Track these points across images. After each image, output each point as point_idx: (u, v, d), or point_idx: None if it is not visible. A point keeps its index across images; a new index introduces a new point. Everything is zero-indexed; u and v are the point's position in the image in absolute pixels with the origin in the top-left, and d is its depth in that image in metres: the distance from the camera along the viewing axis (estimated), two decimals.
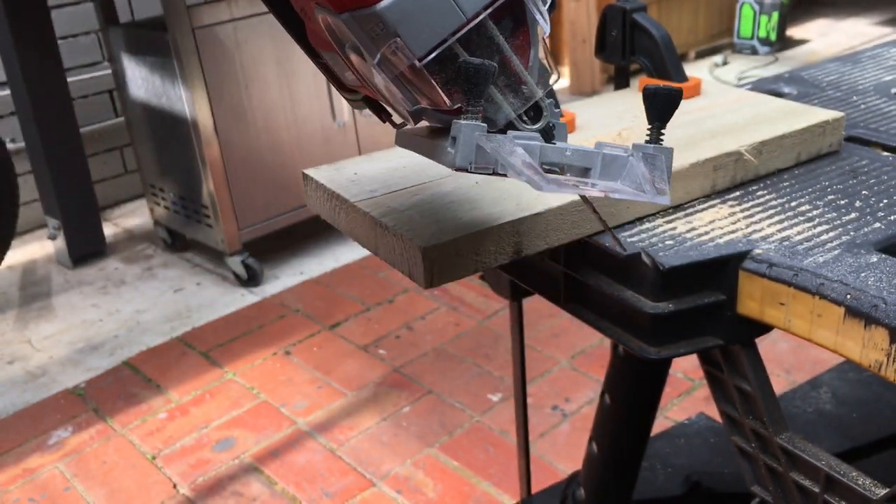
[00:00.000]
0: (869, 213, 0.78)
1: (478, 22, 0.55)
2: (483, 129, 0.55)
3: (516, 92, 0.58)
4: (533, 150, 0.56)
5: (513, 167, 0.55)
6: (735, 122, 0.92)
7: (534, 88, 0.58)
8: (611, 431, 1.04)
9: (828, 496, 0.71)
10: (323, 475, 1.93)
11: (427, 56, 0.55)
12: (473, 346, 2.36)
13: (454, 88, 0.56)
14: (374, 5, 0.53)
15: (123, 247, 3.20)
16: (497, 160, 0.55)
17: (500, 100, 0.57)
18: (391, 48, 0.55)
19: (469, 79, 0.54)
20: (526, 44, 0.58)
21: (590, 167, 0.57)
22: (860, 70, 1.20)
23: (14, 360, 2.50)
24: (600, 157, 0.57)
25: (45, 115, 2.84)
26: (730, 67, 4.69)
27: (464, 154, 0.55)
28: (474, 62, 0.54)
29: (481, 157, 0.55)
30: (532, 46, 0.58)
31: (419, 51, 0.54)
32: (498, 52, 0.56)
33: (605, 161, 0.57)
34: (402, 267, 0.72)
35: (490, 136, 0.55)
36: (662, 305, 0.71)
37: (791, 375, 2.11)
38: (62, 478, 1.99)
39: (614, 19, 1.02)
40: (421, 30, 0.54)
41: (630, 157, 0.57)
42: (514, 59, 0.56)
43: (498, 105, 0.57)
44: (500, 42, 0.56)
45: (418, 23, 0.54)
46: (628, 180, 0.57)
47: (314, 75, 2.83)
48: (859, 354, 0.64)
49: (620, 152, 0.57)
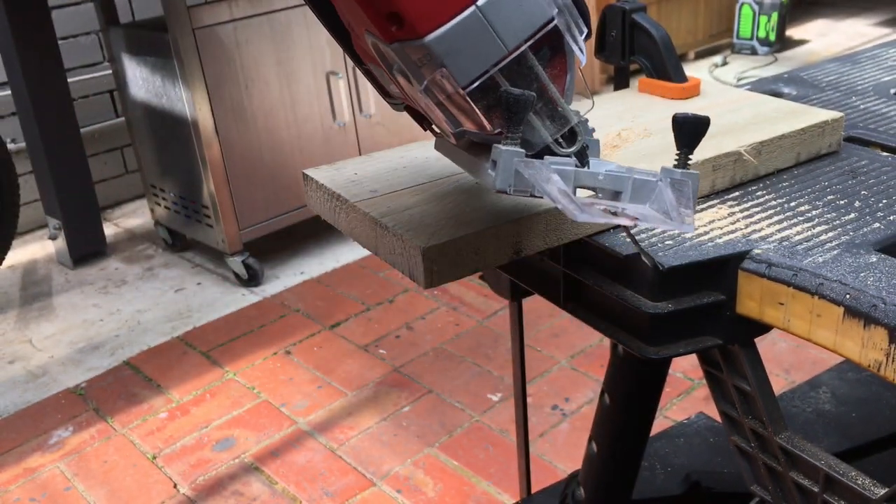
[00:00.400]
0: (868, 214, 0.78)
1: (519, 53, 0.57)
2: (522, 155, 0.58)
3: (553, 117, 0.60)
4: (568, 176, 0.59)
5: (549, 194, 0.57)
6: (734, 122, 0.92)
7: (569, 114, 0.61)
8: (610, 431, 1.04)
9: (827, 496, 0.71)
10: (323, 475, 1.93)
11: (470, 85, 0.57)
12: (473, 345, 2.37)
13: (495, 114, 0.58)
14: (423, 37, 0.56)
15: (124, 247, 3.20)
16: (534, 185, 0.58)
17: (538, 125, 0.60)
18: (437, 77, 0.57)
19: (509, 107, 0.57)
20: (563, 71, 0.61)
21: (621, 191, 0.60)
22: (859, 70, 1.21)
23: (15, 359, 2.50)
24: (631, 182, 0.59)
25: (45, 115, 2.84)
26: (729, 68, 4.69)
27: (504, 178, 0.58)
28: (514, 92, 0.56)
29: (520, 182, 0.58)
30: (569, 73, 0.61)
31: (463, 80, 0.57)
32: (536, 80, 0.59)
33: (635, 185, 0.59)
34: (402, 267, 0.72)
35: (528, 163, 0.58)
36: (662, 305, 0.72)
37: (790, 375, 2.11)
38: (63, 477, 1.99)
39: (614, 19, 1.02)
40: (466, 60, 0.56)
41: (659, 182, 0.59)
42: (551, 86, 0.59)
43: (536, 129, 0.60)
44: (538, 71, 0.59)
45: (463, 54, 0.56)
46: (656, 204, 0.59)
47: (314, 75, 2.84)
48: (858, 354, 0.65)
49: (650, 177, 0.59)
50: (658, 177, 0.59)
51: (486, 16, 0.56)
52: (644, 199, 0.60)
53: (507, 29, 0.57)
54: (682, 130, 0.60)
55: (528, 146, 0.60)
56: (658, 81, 1.01)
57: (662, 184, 0.59)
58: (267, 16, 2.69)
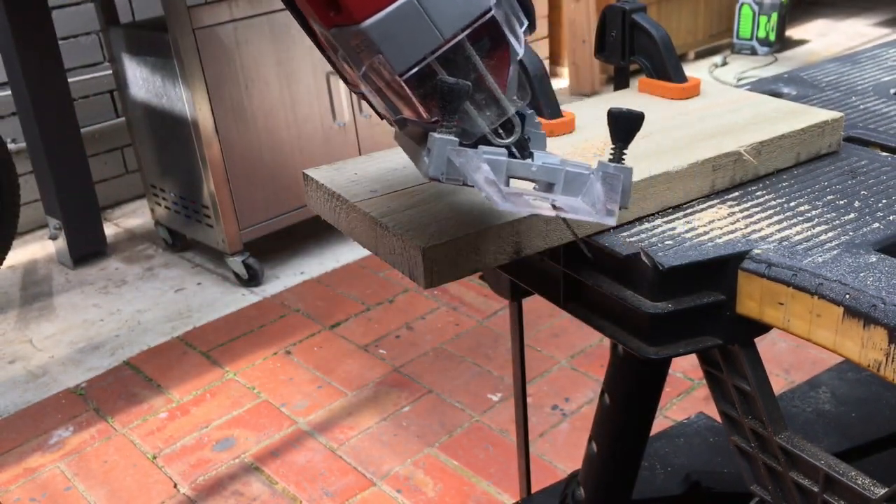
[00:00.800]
0: (868, 214, 0.78)
1: (455, 42, 0.58)
2: (455, 144, 0.58)
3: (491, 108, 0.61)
4: (500, 166, 0.59)
5: (476, 182, 0.58)
6: (734, 122, 0.92)
7: (506, 105, 0.61)
8: (610, 431, 1.04)
9: (827, 496, 0.71)
10: (323, 475, 1.93)
11: (407, 72, 0.58)
12: (473, 345, 2.37)
13: (432, 103, 0.59)
14: (360, 23, 0.56)
15: (124, 247, 3.20)
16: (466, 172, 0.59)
17: (475, 115, 0.60)
18: (375, 63, 0.58)
19: (444, 96, 0.57)
20: (504, 63, 0.61)
21: (554, 182, 0.60)
22: (859, 70, 1.21)
23: (15, 359, 2.50)
24: (563, 174, 0.60)
25: (45, 115, 2.84)
26: (729, 68, 4.69)
27: (436, 165, 0.58)
28: (449, 81, 0.57)
29: (452, 170, 0.59)
30: (511, 65, 0.61)
31: (400, 67, 0.58)
32: (474, 71, 0.59)
33: (567, 178, 0.60)
34: (403, 267, 0.72)
35: (460, 151, 0.58)
36: (662, 305, 0.72)
37: (790, 375, 2.11)
38: (63, 477, 1.99)
39: (614, 20, 1.02)
40: (402, 48, 0.57)
41: (591, 174, 0.60)
42: (489, 77, 0.60)
43: (473, 119, 0.60)
44: (476, 62, 0.59)
45: (400, 41, 0.57)
46: (587, 197, 0.60)
47: (314, 75, 2.84)
48: (858, 354, 0.65)
49: (583, 170, 0.60)
50: (590, 170, 0.60)
51: (423, 4, 0.57)
52: (576, 192, 0.60)
53: (443, 17, 0.57)
54: (616, 125, 0.61)
55: (466, 136, 0.61)
56: (658, 81, 1.01)
57: (594, 177, 0.60)
58: (267, 16, 2.69)
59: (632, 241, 0.75)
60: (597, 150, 0.87)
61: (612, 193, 0.60)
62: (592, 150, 0.87)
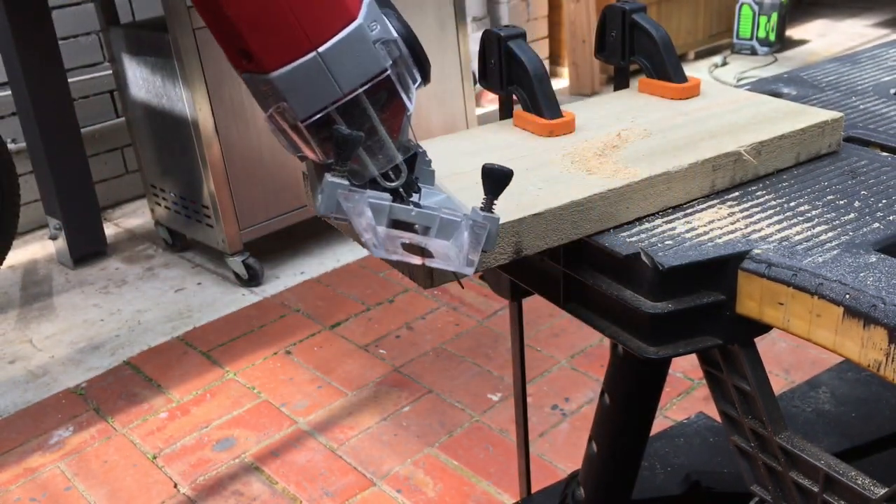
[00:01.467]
0: (868, 214, 0.78)
1: (353, 96, 0.64)
2: (346, 187, 0.64)
3: (381, 154, 0.67)
4: (383, 209, 0.65)
5: (357, 227, 0.64)
6: (734, 122, 0.92)
7: (394, 153, 0.67)
8: (610, 431, 1.04)
9: (827, 496, 0.71)
10: (323, 474, 1.94)
11: (308, 119, 0.64)
12: (473, 345, 2.37)
13: (328, 147, 0.65)
14: (268, 73, 0.63)
15: (124, 247, 3.20)
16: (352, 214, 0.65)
17: (367, 160, 0.66)
18: (280, 108, 0.64)
19: (339, 144, 0.63)
20: (399, 114, 0.67)
21: (430, 226, 0.66)
22: (859, 71, 1.21)
23: (15, 359, 2.51)
24: (438, 220, 0.66)
25: (45, 115, 2.84)
26: (729, 68, 4.69)
27: (327, 205, 0.64)
28: (344, 132, 0.63)
29: (340, 210, 0.64)
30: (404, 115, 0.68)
31: (302, 114, 0.64)
32: (368, 121, 0.66)
33: (442, 223, 0.66)
34: (402, 267, 0.72)
35: (349, 196, 0.64)
36: (662, 305, 0.72)
37: (790, 375, 2.11)
38: (63, 477, 2.00)
39: (614, 20, 1.02)
40: (305, 98, 0.63)
41: (462, 222, 0.65)
42: (381, 128, 0.66)
43: (365, 163, 0.66)
44: (371, 114, 0.66)
45: (303, 92, 0.63)
46: (457, 241, 0.66)
47: None
48: (858, 354, 0.65)
49: (456, 217, 0.66)
50: (462, 218, 0.65)
51: (326, 61, 0.63)
52: (449, 236, 0.66)
53: (343, 74, 0.64)
54: (488, 179, 0.66)
55: (358, 177, 0.66)
56: (658, 82, 1.01)
57: (464, 224, 0.65)
58: None
59: (632, 241, 0.76)
60: (596, 151, 0.87)
61: (476, 244, 0.65)
62: (592, 150, 0.87)
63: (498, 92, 0.97)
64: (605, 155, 0.86)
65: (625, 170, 0.81)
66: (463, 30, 3.20)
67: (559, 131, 0.92)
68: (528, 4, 4.49)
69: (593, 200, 0.77)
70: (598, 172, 0.81)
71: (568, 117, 0.93)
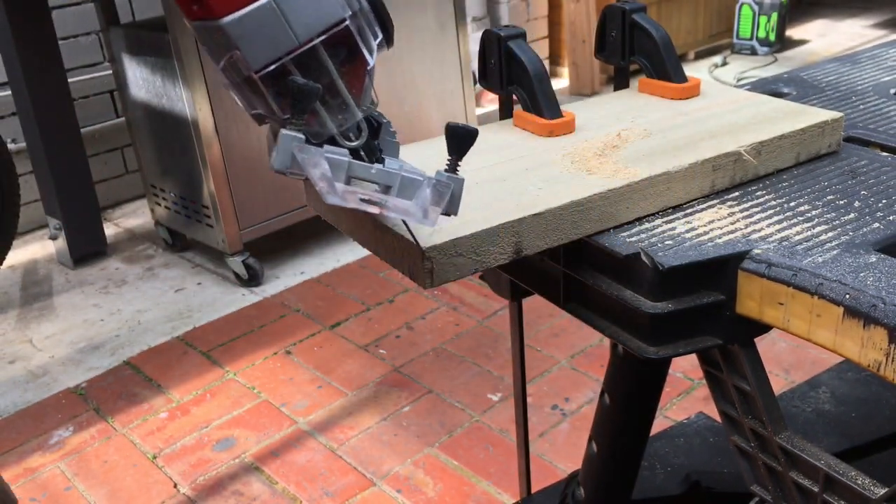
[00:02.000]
0: (868, 214, 0.78)
1: (310, 47, 0.62)
2: (301, 141, 0.62)
3: (341, 111, 0.65)
4: (341, 165, 0.63)
5: (312, 177, 0.62)
6: (734, 122, 0.92)
7: (355, 110, 0.65)
8: (610, 431, 1.04)
9: (827, 496, 0.71)
10: (323, 474, 1.94)
11: (262, 70, 0.62)
12: (473, 345, 2.37)
13: (284, 101, 0.63)
14: (220, 19, 0.60)
15: (124, 247, 3.20)
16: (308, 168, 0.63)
17: (325, 116, 0.64)
18: (231, 59, 0.62)
19: (295, 95, 0.61)
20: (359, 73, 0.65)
21: (391, 185, 0.64)
22: (859, 70, 1.21)
23: (15, 359, 2.51)
24: (399, 178, 0.64)
25: (46, 115, 2.84)
26: (729, 68, 4.69)
27: (281, 160, 0.62)
28: (300, 82, 0.61)
29: (296, 165, 0.62)
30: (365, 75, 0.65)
31: (255, 65, 0.62)
32: (327, 75, 0.63)
33: (403, 182, 0.65)
34: (403, 267, 0.72)
35: (304, 148, 0.62)
36: (662, 305, 0.72)
37: (790, 375, 2.11)
38: (63, 477, 2.00)
39: (614, 20, 1.02)
40: (258, 46, 0.61)
41: (424, 181, 0.64)
42: (341, 83, 0.64)
43: (323, 120, 0.64)
44: (329, 67, 0.63)
45: (257, 40, 0.61)
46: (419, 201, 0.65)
47: None
48: (858, 354, 0.65)
49: (417, 176, 0.64)
50: (425, 177, 0.64)
51: (281, 7, 0.60)
52: (410, 196, 0.65)
53: (299, 22, 0.61)
54: (452, 138, 0.65)
55: (317, 136, 0.64)
56: (658, 82, 1.01)
57: (426, 183, 0.64)
58: None
59: (632, 241, 0.76)
60: (596, 151, 0.87)
61: (438, 199, 0.64)
62: (592, 149, 0.87)
63: (498, 92, 0.97)
64: (605, 155, 0.86)
65: (625, 170, 0.81)
66: (463, 30, 3.20)
67: (559, 131, 0.92)
68: (528, 4, 4.49)
69: (593, 200, 0.77)
70: (598, 172, 0.81)
71: (568, 117, 0.93)
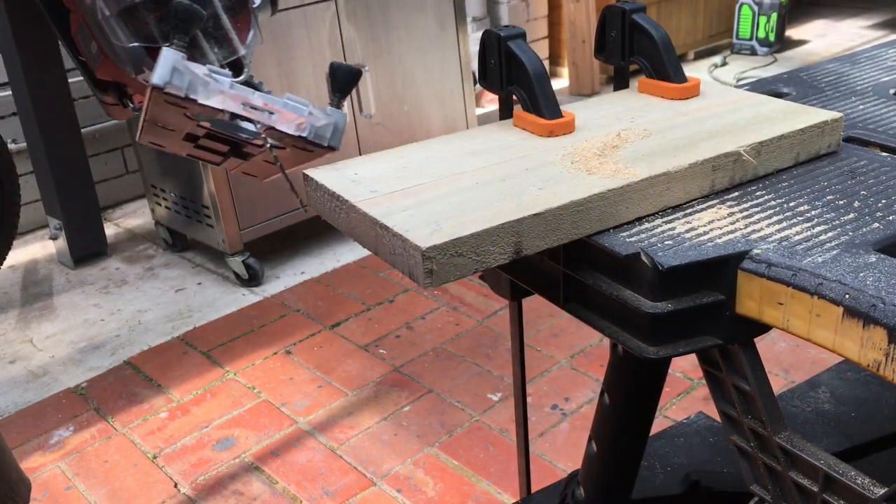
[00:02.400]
0: (867, 214, 0.78)
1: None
2: (184, 58, 0.63)
3: (223, 46, 0.67)
4: (223, 84, 0.65)
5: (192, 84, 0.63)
6: (734, 122, 0.92)
7: (237, 45, 0.67)
8: (610, 431, 1.04)
9: (826, 495, 0.71)
10: (323, 474, 1.94)
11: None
12: (473, 345, 2.37)
13: (166, 27, 0.64)
14: None
15: (125, 247, 3.20)
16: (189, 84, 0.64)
17: (206, 48, 0.66)
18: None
19: (178, 16, 0.62)
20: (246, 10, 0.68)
21: (274, 112, 0.67)
22: (859, 71, 1.21)
23: (16, 359, 2.51)
24: (283, 104, 0.67)
25: (46, 115, 2.84)
26: (729, 68, 4.69)
27: (161, 74, 0.63)
28: (185, 3, 0.62)
29: (178, 79, 0.63)
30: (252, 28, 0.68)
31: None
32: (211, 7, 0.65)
33: (288, 107, 0.68)
34: (403, 267, 0.73)
35: (188, 64, 0.63)
36: (661, 305, 0.72)
37: (790, 375, 2.12)
38: (63, 477, 2.00)
39: (614, 20, 1.02)
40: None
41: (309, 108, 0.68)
42: (224, 16, 0.66)
43: (204, 52, 0.66)
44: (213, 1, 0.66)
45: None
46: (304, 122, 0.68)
47: (314, 75, 2.84)
48: (858, 354, 0.65)
49: (302, 105, 0.68)
50: (308, 105, 0.67)
51: None
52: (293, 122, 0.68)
53: None
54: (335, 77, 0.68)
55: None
56: (657, 82, 1.02)
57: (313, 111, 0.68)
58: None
59: (632, 241, 0.76)
60: (596, 151, 0.87)
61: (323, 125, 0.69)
62: (592, 150, 0.87)
63: (498, 92, 0.97)
64: (605, 155, 0.86)
65: (625, 170, 0.81)
66: (463, 30, 3.20)
67: (559, 131, 0.92)
68: (528, 4, 4.49)
69: (593, 200, 0.77)
70: (598, 172, 0.81)
71: (568, 117, 0.93)
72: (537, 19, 4.56)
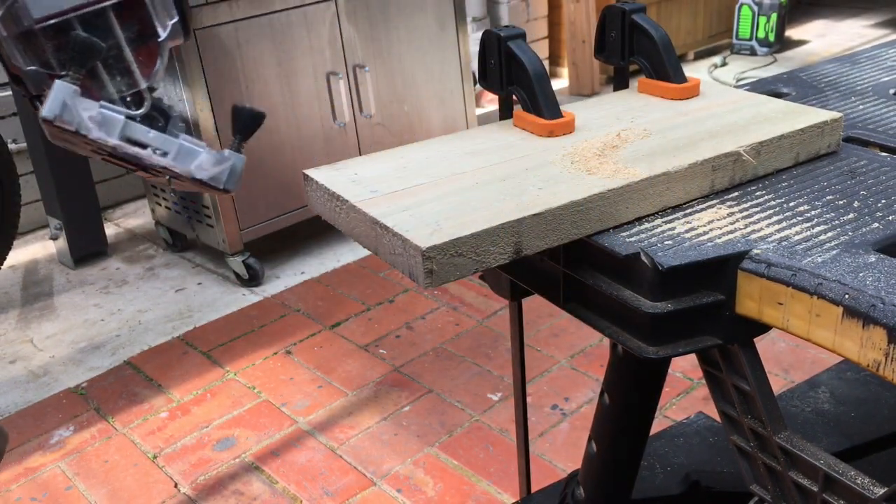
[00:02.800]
0: (867, 214, 0.78)
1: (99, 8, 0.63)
2: (76, 93, 0.63)
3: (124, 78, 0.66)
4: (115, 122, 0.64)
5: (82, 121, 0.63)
6: (734, 122, 0.92)
7: (138, 79, 0.67)
8: (610, 431, 1.04)
9: (826, 495, 0.71)
10: (324, 474, 1.94)
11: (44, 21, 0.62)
12: (473, 345, 2.37)
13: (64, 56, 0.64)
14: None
15: (125, 247, 3.20)
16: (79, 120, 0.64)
17: (106, 80, 0.66)
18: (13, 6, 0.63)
19: (77, 49, 0.62)
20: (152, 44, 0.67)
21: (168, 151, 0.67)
22: (858, 71, 1.21)
23: (16, 359, 2.51)
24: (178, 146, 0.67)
25: None
26: (728, 68, 4.69)
27: (51, 107, 0.63)
28: (83, 36, 0.62)
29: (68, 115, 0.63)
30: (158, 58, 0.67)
31: (37, 14, 0.62)
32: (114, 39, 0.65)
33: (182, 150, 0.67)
34: (402, 267, 0.73)
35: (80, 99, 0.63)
36: (661, 305, 0.72)
37: (789, 375, 2.12)
38: (63, 477, 2.00)
39: (613, 20, 1.02)
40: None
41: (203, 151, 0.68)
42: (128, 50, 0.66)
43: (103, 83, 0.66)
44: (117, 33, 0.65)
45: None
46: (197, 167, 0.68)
47: (314, 75, 2.84)
48: (857, 354, 0.65)
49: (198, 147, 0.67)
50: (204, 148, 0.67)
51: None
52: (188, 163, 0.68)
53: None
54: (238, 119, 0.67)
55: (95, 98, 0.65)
56: (657, 82, 1.02)
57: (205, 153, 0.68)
58: (267, 16, 2.69)
59: (631, 241, 0.76)
60: (596, 151, 0.87)
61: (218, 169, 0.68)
62: (592, 150, 0.87)
63: (498, 92, 0.97)
64: (605, 155, 0.86)
65: (624, 170, 0.81)
66: (463, 30, 3.20)
67: (559, 131, 0.92)
68: (528, 4, 4.49)
69: (593, 200, 0.77)
70: (598, 172, 0.81)
71: (568, 117, 0.93)
72: (537, 19, 4.56)
